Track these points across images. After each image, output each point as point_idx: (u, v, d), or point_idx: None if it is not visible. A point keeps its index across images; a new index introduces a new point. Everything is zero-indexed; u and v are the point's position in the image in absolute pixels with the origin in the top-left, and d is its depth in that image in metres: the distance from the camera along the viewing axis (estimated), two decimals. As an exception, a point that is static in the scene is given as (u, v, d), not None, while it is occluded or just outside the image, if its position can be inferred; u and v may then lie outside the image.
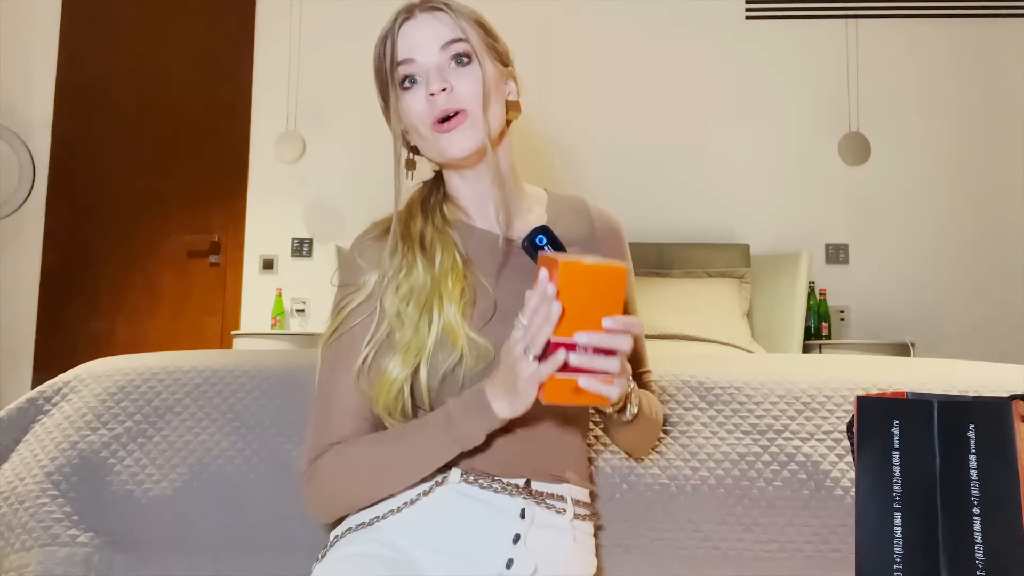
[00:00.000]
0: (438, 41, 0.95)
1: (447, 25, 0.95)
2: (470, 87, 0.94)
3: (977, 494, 0.70)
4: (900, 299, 3.51)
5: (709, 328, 2.87)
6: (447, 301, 0.92)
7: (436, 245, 0.97)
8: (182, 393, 1.22)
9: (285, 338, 3.42)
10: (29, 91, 3.76)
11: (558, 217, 1.06)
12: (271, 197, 3.72)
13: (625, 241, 1.10)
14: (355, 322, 0.96)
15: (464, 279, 0.95)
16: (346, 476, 0.92)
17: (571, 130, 3.60)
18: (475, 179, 1.01)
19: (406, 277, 0.95)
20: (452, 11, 0.96)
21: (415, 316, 0.92)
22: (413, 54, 0.95)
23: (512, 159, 1.05)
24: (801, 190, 3.60)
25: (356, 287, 0.97)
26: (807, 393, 1.17)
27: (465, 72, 0.95)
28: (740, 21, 3.69)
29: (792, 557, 1.07)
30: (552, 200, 1.09)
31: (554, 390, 0.77)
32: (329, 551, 0.92)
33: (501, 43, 1.02)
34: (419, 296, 0.93)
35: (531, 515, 0.90)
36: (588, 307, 0.76)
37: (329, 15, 3.75)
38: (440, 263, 0.95)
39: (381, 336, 0.94)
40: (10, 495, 1.15)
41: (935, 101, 3.60)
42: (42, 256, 3.69)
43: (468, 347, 0.90)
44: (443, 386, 0.91)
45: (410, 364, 0.91)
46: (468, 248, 1.00)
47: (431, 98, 0.93)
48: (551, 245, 0.97)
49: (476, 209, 1.03)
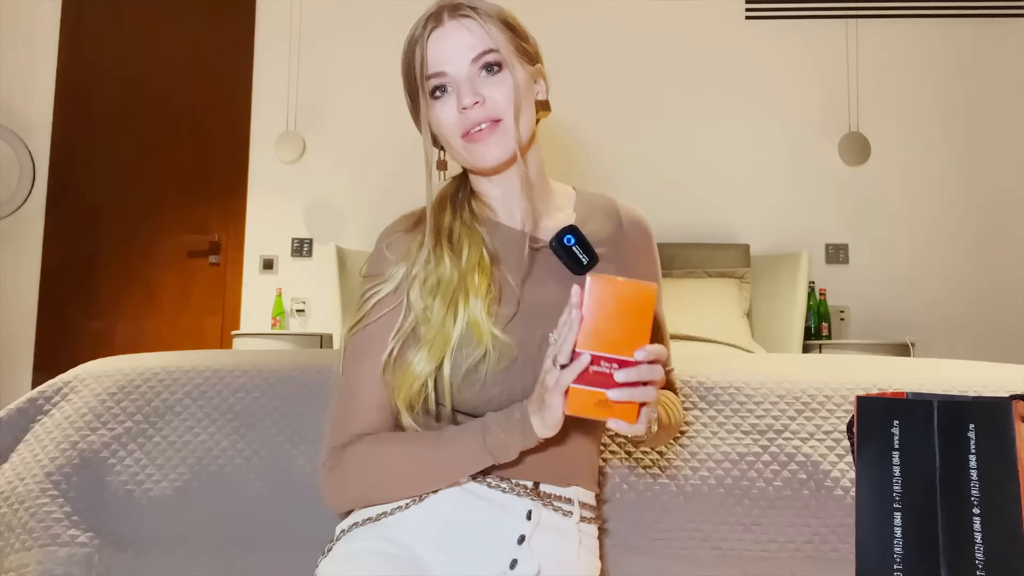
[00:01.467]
0: (469, 53, 0.94)
1: (476, 34, 0.94)
2: (502, 96, 0.94)
3: (977, 494, 0.70)
4: (900, 299, 3.51)
5: (709, 328, 2.87)
6: (473, 297, 0.92)
7: (464, 240, 0.97)
8: (182, 393, 1.21)
9: (285, 338, 3.42)
10: (29, 91, 3.76)
11: (586, 217, 1.05)
12: (271, 197, 3.72)
13: (653, 241, 1.09)
14: (381, 313, 0.95)
15: (490, 276, 0.95)
16: (374, 470, 0.91)
17: (571, 130, 3.60)
18: (503, 182, 1.01)
19: (433, 270, 0.94)
20: (480, 16, 0.94)
21: (441, 310, 0.92)
22: (444, 67, 0.94)
23: (541, 159, 1.04)
24: (801, 190, 3.60)
25: (383, 278, 0.97)
26: (807, 393, 1.17)
27: (496, 81, 0.94)
28: (740, 21, 3.69)
29: (792, 557, 1.07)
30: (580, 198, 1.08)
31: (577, 401, 0.77)
32: (335, 546, 0.92)
33: (531, 41, 1.00)
34: (446, 290, 0.93)
35: (537, 517, 0.90)
36: (617, 324, 0.76)
37: (329, 15, 3.75)
38: (467, 258, 0.95)
39: (407, 329, 0.93)
40: (10, 495, 1.15)
41: (935, 101, 3.60)
42: (42, 256, 3.70)
43: (492, 344, 0.90)
44: (465, 382, 0.90)
45: (436, 359, 0.90)
46: (495, 245, 0.99)
47: (463, 112, 0.93)
48: (579, 245, 0.97)
49: (503, 207, 1.03)
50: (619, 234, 1.05)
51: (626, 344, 0.76)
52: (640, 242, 1.06)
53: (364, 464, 0.91)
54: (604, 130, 3.63)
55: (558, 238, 0.96)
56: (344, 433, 0.94)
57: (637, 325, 0.76)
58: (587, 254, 0.98)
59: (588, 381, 0.76)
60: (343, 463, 0.92)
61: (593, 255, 0.98)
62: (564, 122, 3.57)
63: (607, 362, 0.76)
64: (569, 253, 0.97)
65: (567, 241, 0.96)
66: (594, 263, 0.98)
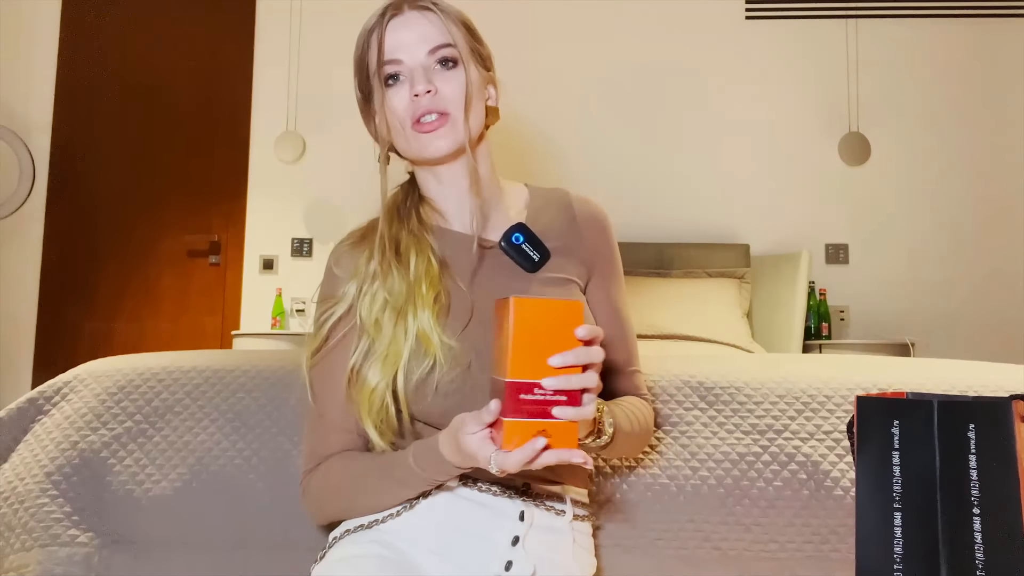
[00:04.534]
0: (426, 44, 0.94)
1: (435, 27, 0.95)
2: (454, 90, 0.94)
3: (977, 494, 0.70)
4: (900, 299, 3.51)
5: (709, 328, 2.87)
6: (420, 308, 0.91)
7: (411, 249, 0.96)
8: (182, 393, 1.21)
9: (285, 338, 3.41)
10: (29, 91, 3.76)
11: (539, 212, 1.04)
12: (271, 197, 3.72)
13: (610, 232, 1.06)
14: (338, 336, 0.96)
15: (439, 283, 0.94)
16: (332, 493, 0.94)
17: (570, 130, 3.60)
18: (451, 180, 1.00)
19: (382, 285, 0.94)
20: (441, 11, 0.96)
21: (391, 324, 0.92)
22: (400, 54, 0.95)
23: (492, 162, 1.04)
24: (801, 190, 3.60)
25: (336, 299, 0.97)
26: (807, 393, 1.17)
27: (450, 76, 0.95)
28: (740, 21, 3.69)
29: (792, 557, 1.07)
30: (533, 196, 1.07)
31: (513, 434, 0.72)
32: (328, 552, 0.92)
33: (485, 47, 1.01)
34: (395, 303, 0.92)
35: (530, 517, 0.90)
36: (546, 344, 0.72)
37: (329, 15, 3.74)
38: (415, 268, 0.94)
39: (364, 347, 0.93)
40: (10, 495, 1.15)
41: (935, 101, 3.60)
42: (42, 256, 3.69)
43: (442, 353, 0.90)
44: (417, 393, 0.91)
45: (389, 372, 0.90)
46: (444, 251, 0.98)
47: (415, 99, 0.93)
48: (528, 243, 0.96)
49: (453, 211, 1.02)
50: (573, 227, 1.03)
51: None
52: (596, 234, 1.04)
53: (324, 489, 0.94)
54: (604, 130, 3.63)
55: (506, 237, 0.95)
56: (315, 457, 0.96)
57: (567, 347, 0.72)
58: (537, 251, 0.96)
59: (522, 412, 0.71)
60: (309, 489, 0.96)
61: (544, 251, 0.97)
62: (563, 122, 3.57)
63: (540, 389, 0.71)
64: (519, 251, 0.96)
65: (515, 239, 0.95)
66: (546, 259, 0.97)
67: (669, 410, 1.16)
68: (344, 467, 0.94)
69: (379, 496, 0.91)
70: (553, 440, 0.72)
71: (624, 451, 0.99)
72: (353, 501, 0.93)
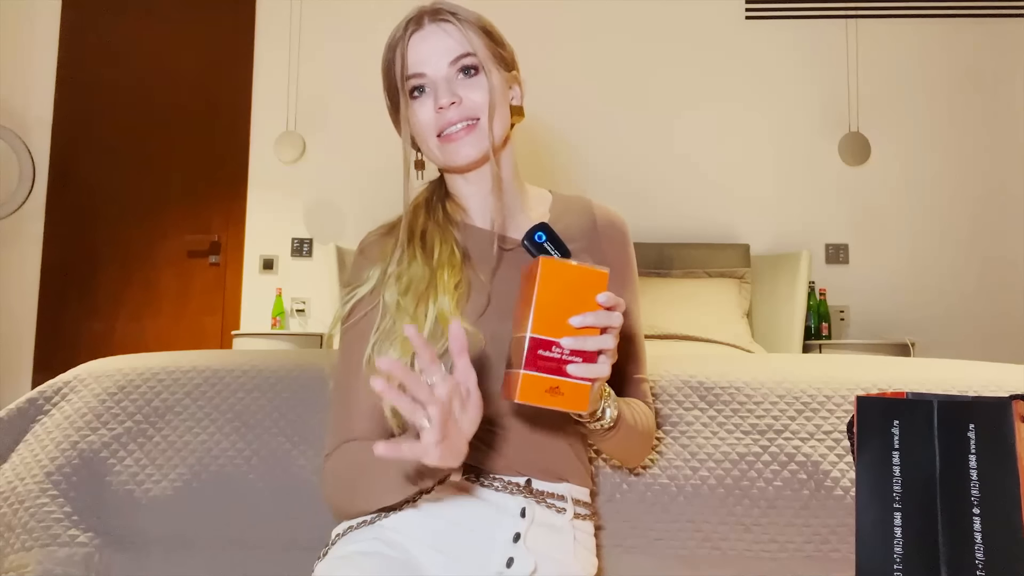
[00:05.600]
0: (447, 56, 0.97)
1: (454, 38, 0.97)
2: (479, 97, 0.97)
3: (977, 494, 0.70)
4: (900, 299, 3.51)
5: (709, 328, 2.87)
6: (441, 292, 0.94)
7: (435, 238, 1.00)
8: (182, 393, 1.22)
9: (285, 338, 3.42)
10: (29, 91, 3.76)
11: (561, 216, 1.07)
12: (271, 197, 3.72)
13: (629, 239, 1.09)
14: (361, 314, 0.98)
15: (460, 272, 0.97)
16: (342, 482, 0.93)
17: (570, 130, 3.60)
18: (477, 181, 1.03)
19: (406, 269, 0.97)
20: (459, 21, 0.98)
21: (412, 306, 0.94)
22: (422, 68, 0.97)
23: (515, 162, 1.07)
24: (801, 190, 3.60)
25: (360, 282, 1.00)
26: (807, 393, 1.17)
27: (473, 83, 0.97)
28: (740, 21, 3.69)
29: (792, 557, 1.07)
30: (556, 201, 1.11)
31: (528, 388, 0.74)
32: (330, 549, 0.92)
33: (507, 48, 1.03)
34: (417, 287, 0.95)
35: (531, 514, 0.91)
36: (569, 309, 0.75)
37: (329, 15, 3.75)
38: (438, 255, 0.97)
39: (385, 328, 0.94)
40: (10, 495, 1.15)
41: (935, 101, 3.60)
42: (42, 256, 3.69)
43: None
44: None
45: (407, 352, 0.91)
46: (466, 244, 1.01)
47: (440, 111, 0.96)
48: (551, 242, 0.97)
49: (477, 209, 1.05)
50: (593, 232, 1.06)
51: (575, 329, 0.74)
52: (615, 241, 1.07)
53: (336, 475, 0.94)
54: (604, 130, 3.63)
55: (529, 235, 0.97)
56: (336, 441, 0.95)
57: (589, 310, 0.75)
58: (559, 250, 0.97)
59: (538, 367, 0.74)
60: (326, 474, 0.95)
61: (566, 251, 0.98)
62: (564, 122, 3.57)
63: (558, 347, 0.74)
64: (541, 250, 0.97)
65: (538, 238, 0.97)
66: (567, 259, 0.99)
67: (669, 410, 1.17)
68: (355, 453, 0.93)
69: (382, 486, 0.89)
70: (564, 399, 0.75)
71: (625, 448, 1.00)
72: (354, 493, 0.92)
